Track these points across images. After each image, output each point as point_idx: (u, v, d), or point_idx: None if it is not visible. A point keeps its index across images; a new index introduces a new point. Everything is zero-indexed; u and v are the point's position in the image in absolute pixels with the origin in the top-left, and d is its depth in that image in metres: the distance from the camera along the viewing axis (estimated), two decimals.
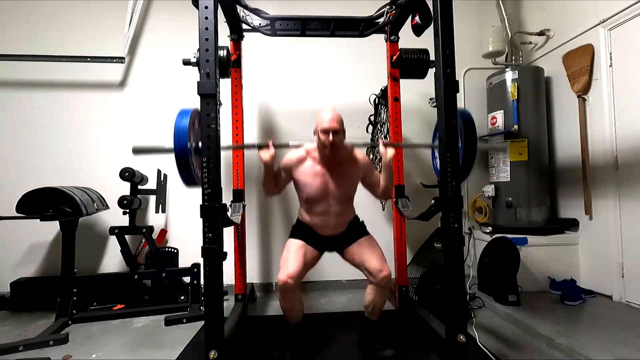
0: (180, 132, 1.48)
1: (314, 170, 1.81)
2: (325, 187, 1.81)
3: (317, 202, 1.83)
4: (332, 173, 1.80)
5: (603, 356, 1.71)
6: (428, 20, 2.03)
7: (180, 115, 1.53)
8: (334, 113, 1.73)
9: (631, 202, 2.40)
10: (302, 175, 1.82)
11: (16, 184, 2.73)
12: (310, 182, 1.81)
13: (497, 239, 2.68)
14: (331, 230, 1.88)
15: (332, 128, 1.69)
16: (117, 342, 2.14)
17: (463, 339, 1.53)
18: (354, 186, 1.90)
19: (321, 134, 1.71)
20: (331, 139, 1.69)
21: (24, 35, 3.10)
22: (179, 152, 1.48)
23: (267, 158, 1.73)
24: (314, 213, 1.86)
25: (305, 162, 1.83)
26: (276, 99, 3.25)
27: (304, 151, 1.84)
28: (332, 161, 1.79)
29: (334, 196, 1.82)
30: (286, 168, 1.85)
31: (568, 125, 2.86)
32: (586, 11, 2.68)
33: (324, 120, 1.71)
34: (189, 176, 1.53)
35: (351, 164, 1.85)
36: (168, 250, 2.89)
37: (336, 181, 1.81)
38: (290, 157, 1.84)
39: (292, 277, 1.67)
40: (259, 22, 2.45)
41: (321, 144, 1.73)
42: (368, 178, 1.90)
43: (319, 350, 1.93)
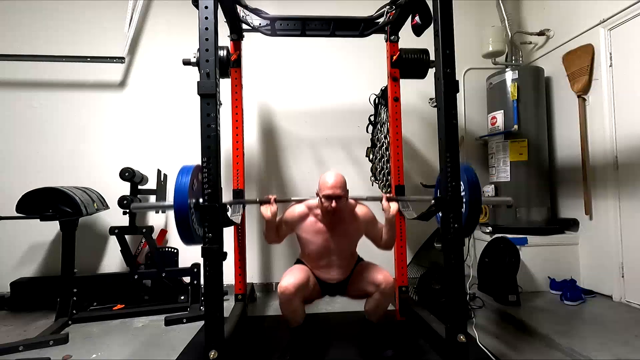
0: (180, 190, 1.45)
1: (315, 228, 1.82)
2: (328, 245, 1.82)
3: (320, 257, 1.86)
4: (334, 231, 1.82)
5: (603, 356, 1.71)
6: (428, 20, 2.02)
7: (181, 173, 1.48)
8: (337, 178, 1.73)
9: (631, 202, 2.40)
10: (304, 233, 1.84)
11: (16, 184, 2.73)
12: (313, 240, 1.83)
13: (497, 239, 2.68)
14: (334, 279, 1.91)
15: (335, 194, 1.70)
16: (117, 342, 2.14)
17: (463, 339, 1.52)
18: (356, 241, 1.93)
19: (324, 199, 1.72)
20: (334, 205, 1.70)
21: (24, 35, 3.10)
22: (178, 209, 1.44)
23: (269, 215, 1.76)
24: (317, 266, 1.90)
25: (307, 219, 1.84)
26: (276, 99, 3.25)
27: (306, 207, 1.85)
28: (334, 219, 1.81)
29: (336, 252, 1.85)
30: (288, 223, 1.87)
31: (568, 125, 2.86)
32: (586, 11, 2.68)
33: (327, 185, 1.71)
34: (188, 233, 1.48)
35: (353, 220, 1.85)
36: (168, 250, 2.89)
37: (338, 238, 1.83)
38: (292, 213, 1.86)
39: (293, 285, 1.69)
40: (259, 22, 2.45)
41: (324, 208, 1.74)
42: (371, 231, 1.91)
43: (319, 350, 1.92)
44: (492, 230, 2.96)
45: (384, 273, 1.81)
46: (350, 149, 3.25)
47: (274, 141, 3.23)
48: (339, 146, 3.26)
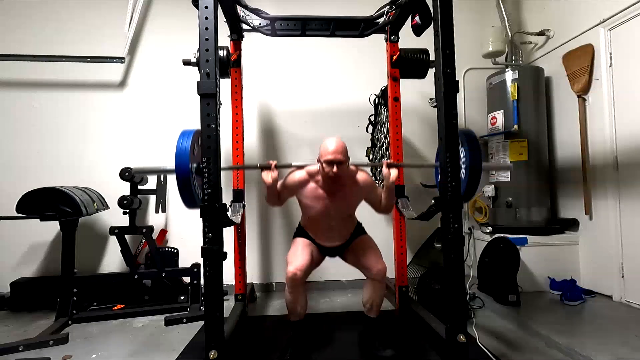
0: (181, 154, 1.46)
1: (316, 194, 1.83)
2: (327, 209, 1.84)
3: (320, 221, 1.89)
4: (334, 196, 1.82)
5: (603, 356, 1.71)
6: (428, 20, 2.03)
7: (181, 137, 1.51)
8: (338, 143, 1.72)
9: (631, 202, 2.40)
10: (305, 198, 1.85)
11: (16, 184, 2.73)
12: (313, 205, 1.84)
13: (497, 239, 2.68)
14: (333, 242, 1.95)
15: (337, 160, 1.69)
16: (117, 342, 2.14)
17: (463, 339, 1.53)
18: (355, 206, 1.95)
19: (325, 164, 1.71)
20: (335, 171, 1.70)
21: (24, 35, 3.10)
22: (180, 173, 1.46)
23: (269, 181, 1.76)
24: (316, 229, 1.93)
25: (307, 185, 1.84)
26: (276, 99, 3.25)
27: (307, 173, 1.85)
28: (334, 185, 1.81)
29: (335, 216, 1.87)
30: (289, 187, 1.88)
31: (568, 125, 2.86)
32: (586, 11, 2.68)
33: (328, 150, 1.70)
34: (190, 197, 1.50)
35: (353, 186, 1.86)
36: (168, 250, 2.89)
37: (338, 203, 1.84)
38: (293, 178, 1.86)
39: (301, 269, 1.74)
40: (259, 22, 2.45)
41: (325, 174, 1.74)
42: (370, 196, 1.92)
43: (319, 350, 1.92)
44: (492, 230, 2.96)
45: (378, 259, 1.83)
46: (350, 149, 3.21)
47: (274, 141, 3.23)
48: None
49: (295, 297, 1.81)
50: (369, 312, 1.91)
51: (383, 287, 1.87)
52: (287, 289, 1.79)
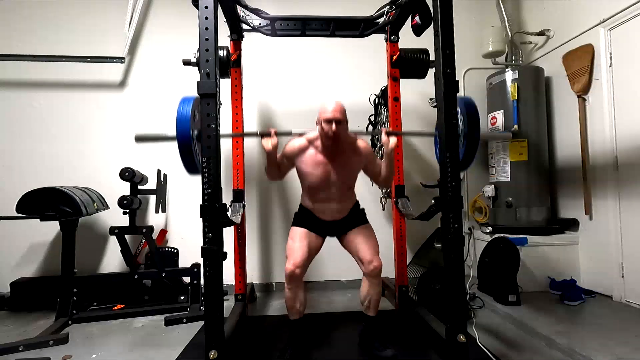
0: (182, 120, 1.48)
1: (316, 159, 1.82)
2: (327, 176, 1.82)
3: (319, 189, 1.86)
4: (333, 162, 1.82)
5: (603, 356, 1.71)
6: (428, 20, 2.03)
7: (182, 103, 1.53)
8: (337, 103, 1.75)
9: (631, 202, 2.40)
10: (304, 164, 1.84)
11: (16, 184, 2.73)
12: (312, 171, 1.82)
13: (497, 239, 2.68)
14: (332, 215, 1.91)
15: (335, 118, 1.70)
16: (117, 342, 2.14)
17: (463, 339, 1.53)
18: (355, 174, 1.92)
19: (324, 123, 1.72)
20: (334, 129, 1.70)
21: (24, 35, 3.10)
22: (181, 139, 1.48)
23: (269, 147, 1.75)
24: (316, 200, 1.90)
25: (307, 151, 1.84)
26: (276, 98, 3.25)
27: (306, 140, 1.85)
28: (334, 150, 1.80)
29: (335, 184, 1.85)
30: (288, 156, 1.87)
31: (568, 125, 2.86)
32: (586, 11, 2.68)
33: (327, 110, 1.72)
34: (191, 163, 1.53)
35: (353, 153, 1.86)
36: (168, 250, 2.89)
37: (338, 170, 1.83)
38: (292, 146, 1.86)
39: (299, 265, 1.74)
40: (259, 22, 2.45)
41: (324, 133, 1.74)
42: (370, 167, 1.91)
43: (319, 350, 1.93)
44: (492, 230, 2.96)
45: (374, 255, 1.82)
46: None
47: None
48: None
49: (294, 293, 1.81)
50: (367, 310, 1.90)
51: (379, 284, 1.87)
52: (286, 284, 1.80)
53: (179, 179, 3.07)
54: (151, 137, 1.79)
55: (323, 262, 1.98)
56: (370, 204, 1.97)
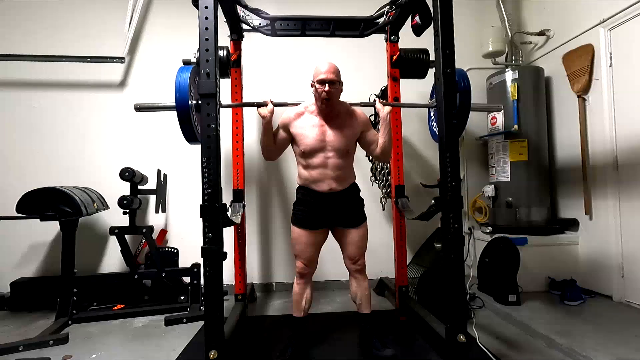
0: (181, 88, 1.49)
1: (311, 122, 1.82)
2: (323, 137, 1.80)
3: (315, 153, 1.80)
4: (329, 123, 1.82)
5: (603, 356, 1.71)
6: (428, 20, 2.03)
7: (180, 72, 1.54)
8: (330, 64, 1.76)
9: (631, 202, 2.40)
10: (300, 129, 1.83)
11: (16, 184, 2.73)
12: (308, 134, 1.81)
13: (497, 239, 2.67)
14: (329, 184, 1.81)
15: (328, 79, 1.72)
16: (117, 342, 2.14)
17: (463, 339, 1.53)
18: (352, 139, 1.86)
19: (318, 84, 1.74)
20: (327, 89, 1.71)
21: (24, 35, 3.10)
22: (180, 108, 1.50)
23: (266, 113, 1.76)
24: (312, 167, 1.82)
25: (303, 116, 1.85)
26: (276, 98, 3.23)
27: (302, 107, 1.87)
28: (329, 113, 1.81)
29: (331, 147, 1.80)
30: (284, 125, 1.86)
31: (568, 125, 2.86)
32: (586, 11, 2.68)
33: (321, 71, 1.74)
34: (190, 132, 1.55)
35: (349, 117, 1.87)
36: (168, 250, 2.89)
37: (334, 131, 1.81)
38: (288, 114, 1.87)
39: (310, 261, 1.86)
40: (259, 22, 2.45)
41: (318, 94, 1.76)
42: (366, 135, 1.90)
43: (319, 349, 1.93)
44: (492, 230, 2.96)
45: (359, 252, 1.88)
46: None
47: None
48: None
49: (302, 289, 1.88)
50: (360, 307, 1.92)
51: (365, 280, 1.93)
52: (296, 280, 1.88)
53: (179, 179, 3.07)
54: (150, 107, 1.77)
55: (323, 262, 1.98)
56: (370, 204, 1.97)
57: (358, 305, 1.94)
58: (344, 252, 1.92)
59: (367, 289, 1.94)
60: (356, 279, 1.92)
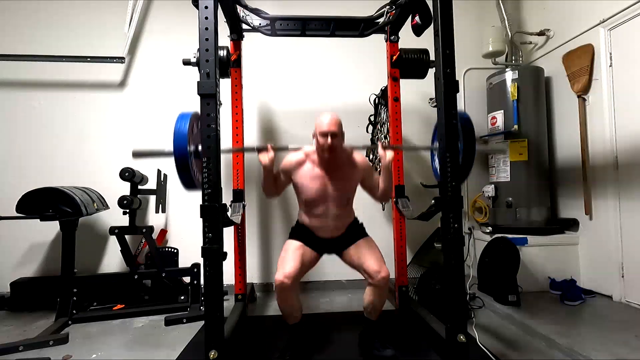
0: (179, 136, 1.49)
1: (312, 173, 1.81)
2: (324, 190, 1.81)
3: (316, 204, 1.83)
4: (330, 176, 1.80)
5: (603, 356, 1.71)
6: (428, 20, 2.03)
7: (179, 119, 1.53)
8: (332, 116, 1.73)
9: (631, 202, 2.40)
10: (301, 178, 1.83)
11: (16, 184, 2.73)
12: (309, 185, 1.81)
13: (497, 239, 2.67)
14: (330, 232, 1.88)
15: (331, 131, 1.69)
16: (117, 342, 2.14)
17: (463, 339, 1.53)
18: (352, 189, 1.90)
19: (320, 137, 1.71)
20: (329, 142, 1.69)
21: (24, 35, 3.10)
22: (178, 155, 1.49)
23: (266, 161, 1.75)
24: (313, 215, 1.87)
25: (304, 165, 1.83)
26: (276, 99, 3.25)
27: (303, 154, 1.84)
28: (331, 164, 1.79)
29: (332, 199, 1.82)
30: (285, 171, 1.86)
31: (568, 125, 2.86)
32: (586, 11, 2.68)
33: (323, 123, 1.71)
34: (188, 179, 1.53)
35: (350, 167, 1.85)
36: (168, 250, 2.89)
37: (335, 184, 1.81)
38: (290, 160, 1.85)
39: (289, 277, 1.67)
40: (259, 22, 2.45)
41: (320, 147, 1.73)
42: (367, 181, 1.90)
43: (318, 350, 1.93)
44: (492, 230, 2.96)
45: (379, 262, 1.76)
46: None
47: (274, 141, 3.23)
48: None
49: (287, 304, 1.78)
50: (369, 315, 1.89)
51: (385, 293, 1.83)
52: (277, 297, 1.76)
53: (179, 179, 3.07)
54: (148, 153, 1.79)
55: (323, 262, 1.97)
56: (370, 204, 1.97)
57: (368, 312, 1.88)
58: (362, 268, 1.79)
59: (383, 302, 1.86)
60: (377, 292, 1.78)
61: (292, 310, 1.81)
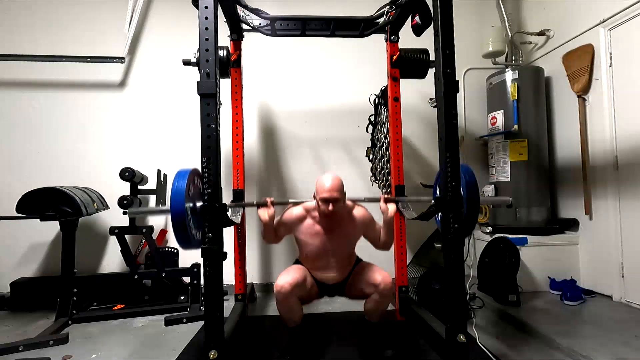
0: (177, 194, 1.44)
1: (313, 230, 1.81)
2: (325, 247, 1.81)
3: (318, 258, 1.85)
4: (331, 233, 1.80)
5: (603, 356, 1.71)
6: (428, 20, 2.02)
7: (177, 177, 1.48)
8: (334, 181, 1.70)
9: (631, 202, 2.40)
10: (302, 235, 1.84)
11: (16, 184, 2.73)
12: (310, 242, 1.82)
13: (497, 239, 2.68)
14: (333, 280, 1.90)
15: (332, 198, 1.68)
16: (117, 342, 2.14)
17: (463, 339, 1.52)
18: (354, 243, 1.91)
19: (321, 202, 1.70)
20: (331, 209, 1.69)
21: (24, 35, 3.10)
22: (175, 213, 1.43)
23: (266, 218, 1.76)
24: (315, 267, 1.89)
25: (304, 222, 1.83)
26: (276, 99, 3.25)
27: (303, 210, 1.84)
28: (331, 222, 1.79)
29: (334, 254, 1.84)
30: (286, 225, 1.86)
31: (568, 125, 2.86)
32: (586, 11, 2.68)
33: (324, 188, 1.68)
34: (185, 237, 1.48)
35: (351, 223, 1.84)
36: (168, 250, 2.89)
37: (336, 240, 1.82)
38: (290, 215, 1.85)
39: (290, 283, 1.70)
40: (259, 22, 2.45)
41: (321, 211, 1.73)
42: (369, 232, 1.90)
43: (318, 350, 1.92)
44: (492, 230, 2.96)
45: (383, 274, 1.80)
46: (350, 149, 3.25)
47: (274, 141, 3.23)
48: (339, 146, 3.26)
49: (286, 309, 1.78)
50: (371, 317, 1.91)
51: (390, 299, 1.85)
52: (277, 303, 1.76)
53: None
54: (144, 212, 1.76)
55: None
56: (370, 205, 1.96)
57: (369, 315, 1.90)
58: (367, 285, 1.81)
59: (387, 306, 1.88)
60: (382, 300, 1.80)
61: (292, 316, 1.82)
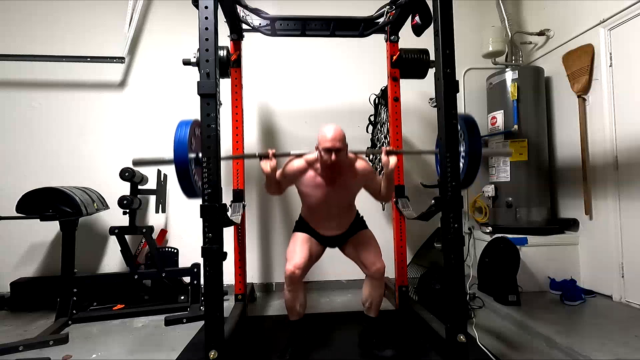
0: (180, 143, 1.48)
1: (315, 182, 1.82)
2: (326, 198, 1.83)
3: (319, 209, 1.88)
4: (333, 184, 1.81)
5: (603, 356, 1.71)
6: (428, 20, 2.03)
7: (180, 126, 1.53)
8: (336, 131, 1.70)
9: (631, 202, 2.40)
10: (304, 186, 1.85)
11: (16, 184, 2.73)
12: (312, 193, 1.83)
13: (497, 239, 2.68)
14: (333, 231, 1.93)
15: (335, 147, 1.67)
16: (117, 342, 2.14)
17: (463, 339, 1.53)
18: (354, 194, 1.94)
19: (323, 152, 1.69)
20: (333, 158, 1.68)
21: (24, 35, 3.10)
22: (179, 162, 1.47)
23: (268, 170, 1.76)
24: (316, 218, 1.92)
25: (306, 173, 1.83)
26: (276, 99, 3.25)
27: (305, 162, 1.84)
28: (333, 173, 1.80)
29: (335, 204, 1.86)
30: (288, 175, 1.87)
31: (568, 125, 2.86)
32: (586, 11, 2.68)
33: (326, 138, 1.68)
34: (189, 187, 1.52)
35: (352, 175, 1.85)
36: (168, 250, 2.89)
37: (337, 191, 1.83)
38: (292, 167, 1.85)
39: (299, 267, 1.74)
40: (259, 22, 2.45)
41: (323, 162, 1.73)
42: (369, 185, 1.91)
43: (319, 350, 1.92)
44: (492, 230, 2.96)
45: (377, 257, 1.84)
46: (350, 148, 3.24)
47: (274, 141, 3.23)
48: None
49: (294, 295, 1.82)
50: (368, 311, 1.91)
51: (382, 286, 1.88)
52: (286, 287, 1.80)
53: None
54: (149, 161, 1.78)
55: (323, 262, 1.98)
56: (370, 204, 1.97)
57: (367, 308, 1.92)
58: (359, 259, 1.88)
59: (381, 295, 1.91)
60: (373, 284, 1.86)
61: (297, 304, 1.84)
